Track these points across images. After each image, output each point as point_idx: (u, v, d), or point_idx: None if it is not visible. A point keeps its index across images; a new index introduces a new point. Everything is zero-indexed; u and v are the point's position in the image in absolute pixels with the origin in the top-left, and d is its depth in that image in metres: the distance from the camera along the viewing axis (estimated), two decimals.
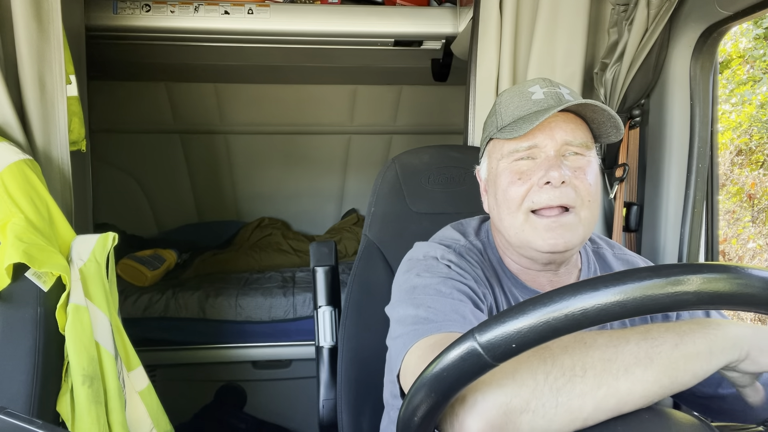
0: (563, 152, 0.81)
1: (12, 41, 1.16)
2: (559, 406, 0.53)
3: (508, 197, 0.83)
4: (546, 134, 0.81)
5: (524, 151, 0.82)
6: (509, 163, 0.84)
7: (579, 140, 0.81)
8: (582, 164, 0.81)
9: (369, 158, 3.08)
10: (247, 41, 1.87)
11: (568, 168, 0.80)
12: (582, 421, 0.54)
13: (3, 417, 0.48)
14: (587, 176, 0.81)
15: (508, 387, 0.54)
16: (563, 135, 0.81)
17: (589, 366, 0.54)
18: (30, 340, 1.03)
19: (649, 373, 0.54)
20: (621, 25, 1.26)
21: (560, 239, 0.79)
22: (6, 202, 1.05)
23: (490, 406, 0.54)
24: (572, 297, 0.43)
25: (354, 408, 1.10)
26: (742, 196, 3.69)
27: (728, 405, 0.86)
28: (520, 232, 0.82)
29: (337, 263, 1.30)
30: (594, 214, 0.82)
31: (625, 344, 0.56)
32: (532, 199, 0.80)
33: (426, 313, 0.74)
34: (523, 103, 0.84)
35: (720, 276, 0.41)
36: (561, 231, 0.79)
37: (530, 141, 0.82)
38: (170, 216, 3.02)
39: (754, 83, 3.71)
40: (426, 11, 1.81)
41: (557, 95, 0.83)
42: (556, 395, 0.53)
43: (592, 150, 0.84)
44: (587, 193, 0.80)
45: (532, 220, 0.81)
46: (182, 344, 2.03)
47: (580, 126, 0.83)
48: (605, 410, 0.54)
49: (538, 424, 0.53)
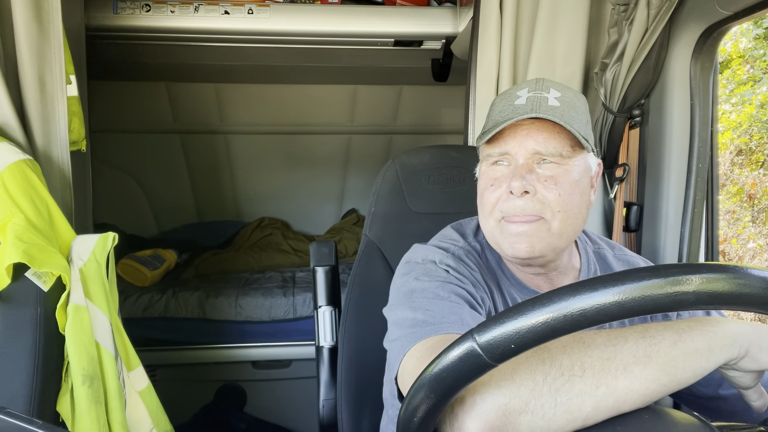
0: (536, 161, 0.80)
1: (12, 41, 1.16)
2: (558, 406, 0.53)
3: (483, 202, 0.85)
4: (517, 142, 0.80)
5: (497, 156, 0.83)
6: (487, 167, 0.85)
7: (551, 150, 0.79)
8: (555, 173, 0.79)
9: (369, 158, 3.08)
10: (247, 41, 1.88)
11: (538, 177, 0.79)
12: (581, 421, 0.54)
13: (3, 417, 0.48)
14: (559, 186, 0.79)
15: (507, 388, 0.54)
16: (533, 144, 0.79)
17: (587, 365, 0.54)
18: (30, 340, 1.03)
19: (648, 372, 0.54)
20: (621, 25, 1.26)
21: (524, 245, 0.79)
22: (6, 202, 1.05)
23: (489, 407, 0.54)
24: (571, 297, 0.43)
25: (354, 408, 1.10)
26: (742, 196, 3.69)
27: (728, 406, 0.86)
28: (492, 236, 0.84)
29: (337, 263, 1.30)
30: (570, 224, 0.80)
31: (623, 343, 0.56)
32: (500, 208, 0.81)
33: (424, 316, 0.74)
34: (504, 108, 0.83)
35: (719, 276, 0.41)
36: (525, 237, 0.79)
37: (501, 148, 0.82)
38: (170, 216, 3.01)
39: (754, 83, 3.71)
40: (426, 11, 1.81)
41: (539, 101, 0.80)
42: (555, 395, 0.53)
43: (573, 158, 0.81)
44: (557, 204, 0.78)
45: (502, 225, 0.82)
46: (182, 344, 2.03)
47: (557, 135, 0.80)
48: (604, 409, 0.54)
49: (537, 424, 0.53)
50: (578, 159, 0.82)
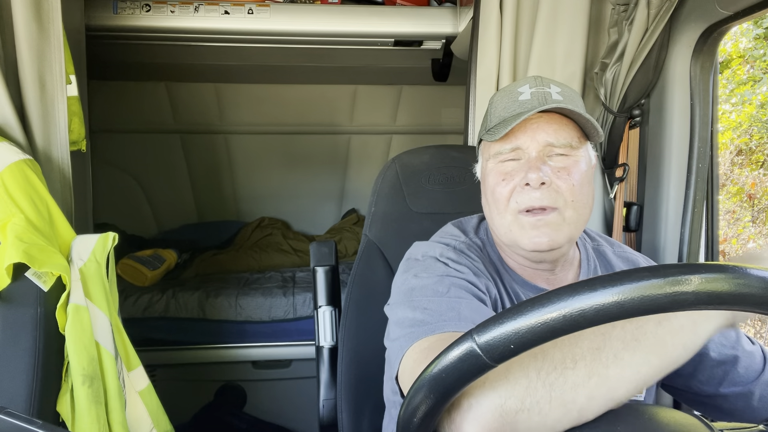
0: (547, 153, 0.81)
1: (12, 41, 1.16)
2: (553, 401, 0.53)
3: (496, 197, 0.84)
4: (528, 136, 0.81)
5: (508, 152, 0.83)
6: (495, 164, 0.85)
7: (562, 141, 0.81)
8: (567, 164, 0.81)
9: (369, 158, 3.08)
10: (247, 41, 1.87)
11: (551, 169, 0.80)
12: (576, 413, 0.54)
13: (3, 417, 0.48)
14: (571, 176, 0.80)
15: (502, 388, 0.54)
16: (545, 136, 0.81)
17: (579, 357, 0.55)
18: (30, 340, 1.03)
19: (637, 356, 0.54)
20: (621, 25, 1.26)
21: (544, 237, 0.79)
22: (6, 202, 1.05)
23: (485, 410, 0.54)
24: (570, 298, 0.43)
25: (354, 408, 1.10)
26: (742, 196, 3.69)
27: (729, 404, 0.87)
28: (509, 231, 0.83)
29: (337, 263, 1.30)
30: (581, 213, 0.82)
31: (611, 330, 0.56)
32: (516, 200, 0.81)
33: (422, 315, 0.75)
34: (509, 104, 0.84)
35: (718, 276, 0.41)
36: (545, 229, 0.79)
37: (513, 143, 0.82)
38: (170, 216, 3.01)
39: (754, 83, 3.71)
40: (426, 11, 1.81)
41: (544, 95, 0.82)
42: (549, 390, 0.53)
43: (580, 149, 0.83)
44: (570, 194, 0.80)
45: (520, 218, 0.81)
46: (182, 344, 2.03)
47: (565, 126, 0.82)
48: (598, 398, 0.54)
49: (533, 420, 0.53)
50: (584, 150, 0.84)
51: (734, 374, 0.85)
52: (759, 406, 0.85)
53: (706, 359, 0.86)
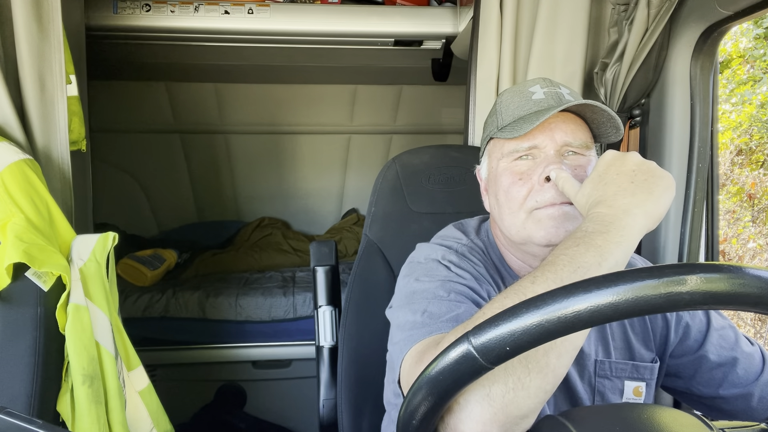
0: (563, 152, 0.82)
1: (12, 41, 1.16)
2: (531, 372, 0.56)
3: (510, 197, 0.83)
4: (546, 135, 0.81)
5: (524, 151, 0.82)
6: (509, 163, 0.84)
7: (579, 141, 0.81)
8: (582, 163, 0.81)
9: (369, 158, 3.08)
10: (247, 41, 1.87)
11: (568, 166, 0.80)
12: (552, 375, 0.57)
13: (3, 417, 0.48)
14: (587, 174, 0.81)
15: (485, 378, 0.55)
16: (563, 136, 0.81)
17: None
18: (30, 340, 1.04)
19: None
20: (621, 24, 1.26)
21: (561, 229, 0.78)
22: (6, 202, 1.05)
23: (474, 405, 0.55)
24: (565, 299, 0.43)
25: (354, 408, 1.10)
26: (742, 196, 3.69)
27: (729, 406, 0.87)
28: (522, 229, 0.82)
29: (337, 263, 1.30)
30: None
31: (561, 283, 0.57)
32: (535, 199, 0.80)
33: (422, 318, 0.75)
34: (523, 103, 0.84)
35: (713, 276, 0.40)
36: (562, 220, 0.79)
37: (530, 141, 0.82)
38: (170, 216, 3.02)
39: (754, 83, 3.70)
40: (426, 11, 1.81)
41: (557, 95, 0.83)
42: (525, 363, 0.56)
43: (592, 150, 0.84)
44: None
45: (535, 214, 0.80)
46: (182, 344, 2.03)
47: (580, 126, 0.83)
48: (565, 355, 0.58)
49: (520, 397, 0.55)
50: (594, 152, 0.85)
51: (733, 376, 0.85)
52: (759, 407, 0.85)
53: (706, 362, 0.86)
